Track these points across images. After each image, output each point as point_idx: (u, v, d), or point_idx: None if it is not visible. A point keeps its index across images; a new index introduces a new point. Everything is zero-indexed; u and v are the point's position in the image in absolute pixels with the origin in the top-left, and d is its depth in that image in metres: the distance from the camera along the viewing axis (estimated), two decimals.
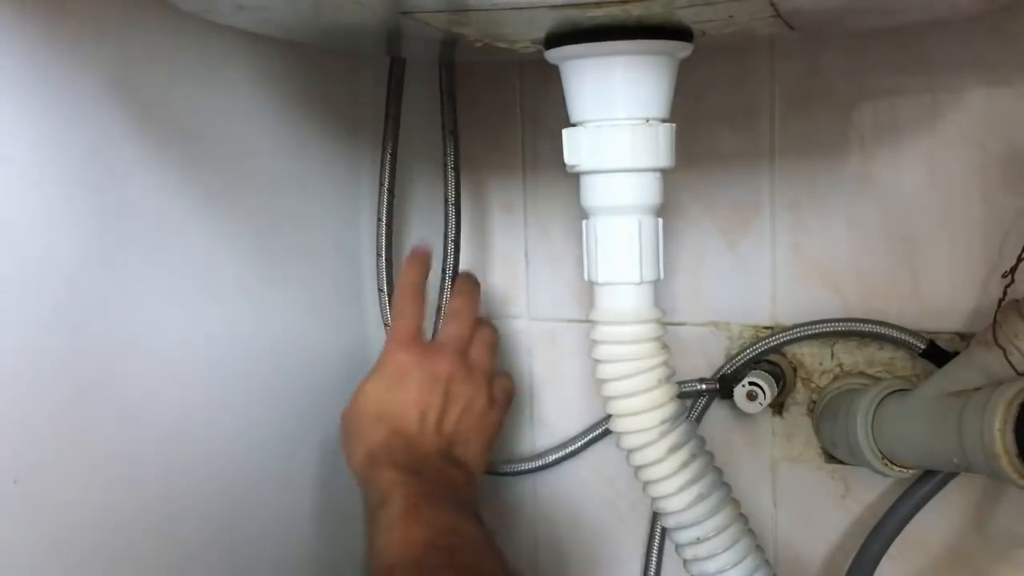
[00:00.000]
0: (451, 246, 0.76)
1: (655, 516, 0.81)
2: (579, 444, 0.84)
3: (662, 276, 0.58)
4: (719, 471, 0.62)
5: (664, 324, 0.58)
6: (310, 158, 0.71)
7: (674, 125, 0.56)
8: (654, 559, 0.81)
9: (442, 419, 0.66)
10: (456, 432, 0.66)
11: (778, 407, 0.78)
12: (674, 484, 0.59)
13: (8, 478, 0.49)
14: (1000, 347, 0.59)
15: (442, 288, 0.76)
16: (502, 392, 0.72)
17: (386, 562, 0.55)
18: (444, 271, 0.76)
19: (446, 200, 0.76)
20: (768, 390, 0.72)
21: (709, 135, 0.77)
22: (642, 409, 0.58)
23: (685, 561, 0.62)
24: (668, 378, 0.59)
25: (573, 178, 0.58)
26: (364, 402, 0.66)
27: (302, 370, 0.71)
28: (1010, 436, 0.56)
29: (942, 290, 0.71)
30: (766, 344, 0.75)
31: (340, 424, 0.67)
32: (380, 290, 0.75)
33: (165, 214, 0.58)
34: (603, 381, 0.59)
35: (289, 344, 0.69)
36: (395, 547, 0.55)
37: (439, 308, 0.76)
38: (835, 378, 0.75)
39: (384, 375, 0.67)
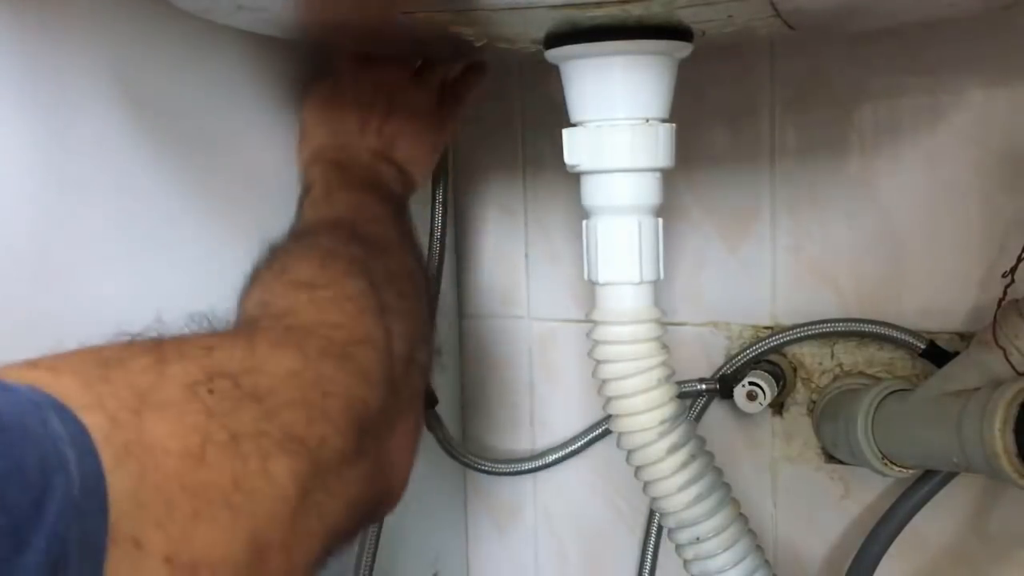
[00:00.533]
0: (437, 245, 0.75)
1: (651, 515, 0.81)
2: (579, 444, 0.84)
3: (662, 276, 0.58)
4: (719, 471, 0.62)
5: (664, 324, 0.58)
6: None
7: (674, 125, 0.56)
8: (649, 558, 0.81)
9: (383, 124, 0.66)
10: (396, 135, 0.66)
11: (778, 407, 0.78)
12: (674, 484, 0.59)
13: None
14: (1000, 347, 0.59)
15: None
16: (456, 95, 0.71)
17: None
18: (428, 270, 0.75)
19: (433, 198, 0.76)
20: (768, 390, 0.72)
21: (709, 136, 0.77)
22: (642, 409, 0.58)
23: (685, 561, 0.62)
24: (668, 378, 0.59)
25: (573, 178, 0.58)
26: (310, 108, 0.67)
27: None
28: (1010, 436, 0.56)
29: (942, 290, 0.71)
30: (766, 344, 0.75)
31: (297, 132, 0.69)
32: None
33: (163, 213, 0.58)
34: (603, 381, 0.59)
35: None
36: (307, 221, 0.58)
37: None
38: (835, 378, 0.75)
39: (331, 82, 0.67)
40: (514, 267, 0.87)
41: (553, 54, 0.55)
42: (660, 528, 0.80)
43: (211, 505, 0.32)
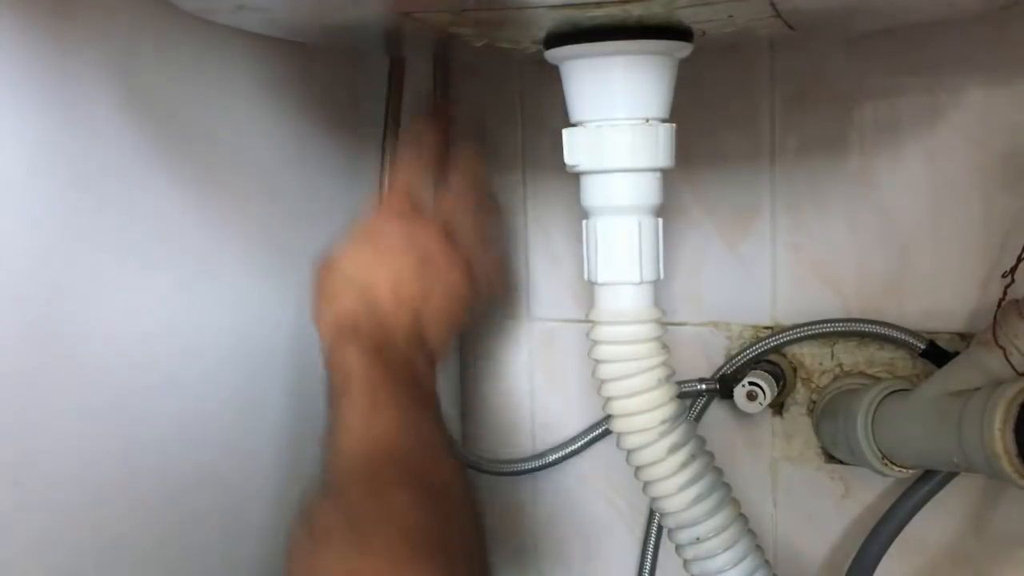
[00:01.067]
0: None
1: (651, 515, 0.81)
2: (579, 444, 0.84)
3: (662, 276, 0.58)
4: (719, 471, 0.62)
5: (664, 324, 0.58)
6: (310, 158, 0.71)
7: (674, 125, 0.56)
8: (649, 558, 0.81)
9: (416, 294, 0.61)
10: (428, 311, 0.61)
11: (778, 407, 0.78)
12: (674, 484, 0.59)
13: (8, 480, 0.49)
14: (1000, 347, 0.59)
15: None
16: (486, 276, 0.67)
17: (344, 465, 0.53)
18: None
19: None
20: (768, 390, 0.72)
21: (709, 135, 0.77)
22: (642, 409, 0.58)
23: (685, 561, 0.62)
24: (668, 378, 0.59)
25: (573, 178, 0.58)
26: (338, 261, 0.62)
27: (298, 368, 0.71)
28: (1010, 436, 0.56)
29: (942, 290, 0.71)
30: (766, 344, 0.75)
31: (312, 284, 0.62)
32: None
33: (164, 213, 0.58)
34: (603, 381, 0.59)
35: (287, 343, 0.69)
36: (354, 448, 0.54)
37: None
38: (835, 378, 0.75)
39: (362, 237, 0.62)
40: (514, 267, 0.87)
41: (553, 54, 0.55)
42: (660, 528, 0.80)
43: None
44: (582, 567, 0.89)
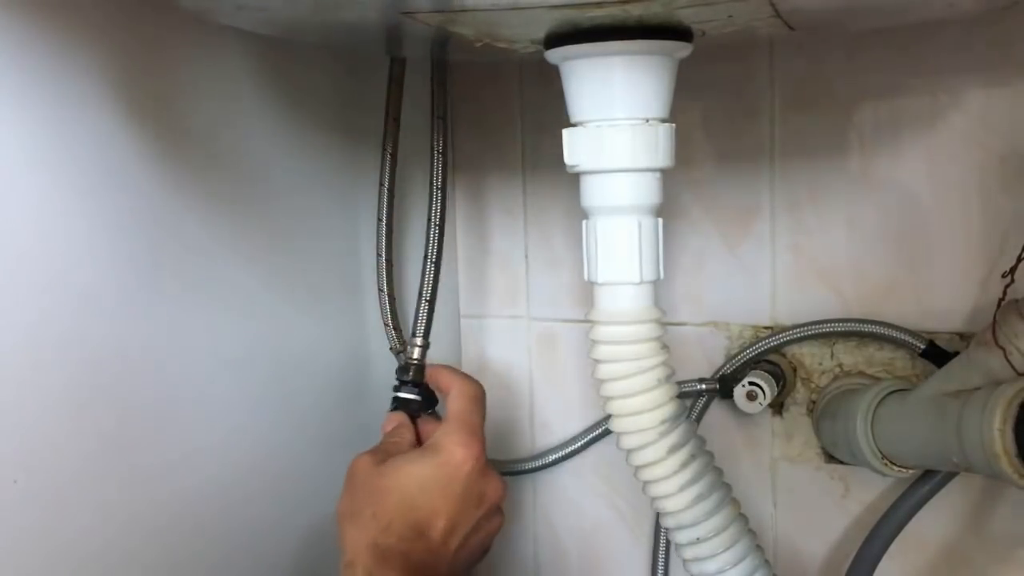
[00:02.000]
0: (435, 231, 0.74)
1: (658, 522, 0.81)
2: (579, 444, 0.84)
3: (662, 276, 0.58)
4: (719, 471, 0.62)
5: (664, 324, 0.58)
6: (309, 158, 0.71)
7: (674, 125, 0.56)
8: (661, 563, 0.81)
9: (465, 543, 0.60)
10: (466, 559, 0.61)
11: (778, 407, 0.78)
12: (674, 484, 0.59)
13: (8, 478, 0.49)
14: (1000, 347, 0.59)
15: (424, 273, 0.73)
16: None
17: None
18: (427, 257, 0.74)
19: (431, 184, 0.74)
20: (768, 390, 0.72)
21: (709, 135, 0.77)
22: (642, 409, 0.58)
23: (685, 561, 0.62)
24: (668, 378, 0.59)
25: (573, 178, 0.58)
26: (402, 477, 0.59)
27: (301, 371, 0.71)
28: (1010, 436, 0.56)
29: (942, 290, 0.71)
30: (766, 344, 0.75)
31: (354, 473, 0.61)
32: (380, 290, 0.74)
33: (164, 214, 0.58)
34: (602, 381, 0.59)
35: (288, 345, 0.69)
36: None
37: (420, 293, 0.73)
38: (835, 378, 0.75)
39: (438, 464, 0.60)
40: (514, 267, 0.87)
41: (553, 54, 0.55)
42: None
43: None
44: (582, 567, 0.89)
